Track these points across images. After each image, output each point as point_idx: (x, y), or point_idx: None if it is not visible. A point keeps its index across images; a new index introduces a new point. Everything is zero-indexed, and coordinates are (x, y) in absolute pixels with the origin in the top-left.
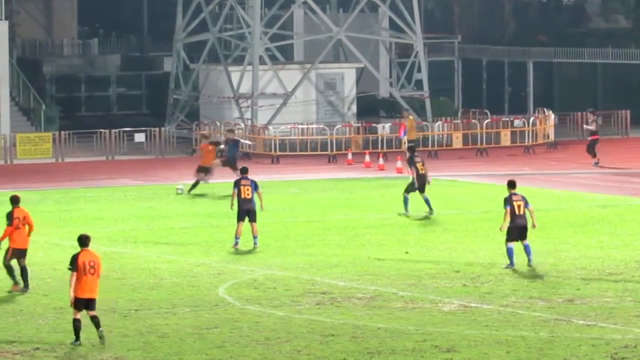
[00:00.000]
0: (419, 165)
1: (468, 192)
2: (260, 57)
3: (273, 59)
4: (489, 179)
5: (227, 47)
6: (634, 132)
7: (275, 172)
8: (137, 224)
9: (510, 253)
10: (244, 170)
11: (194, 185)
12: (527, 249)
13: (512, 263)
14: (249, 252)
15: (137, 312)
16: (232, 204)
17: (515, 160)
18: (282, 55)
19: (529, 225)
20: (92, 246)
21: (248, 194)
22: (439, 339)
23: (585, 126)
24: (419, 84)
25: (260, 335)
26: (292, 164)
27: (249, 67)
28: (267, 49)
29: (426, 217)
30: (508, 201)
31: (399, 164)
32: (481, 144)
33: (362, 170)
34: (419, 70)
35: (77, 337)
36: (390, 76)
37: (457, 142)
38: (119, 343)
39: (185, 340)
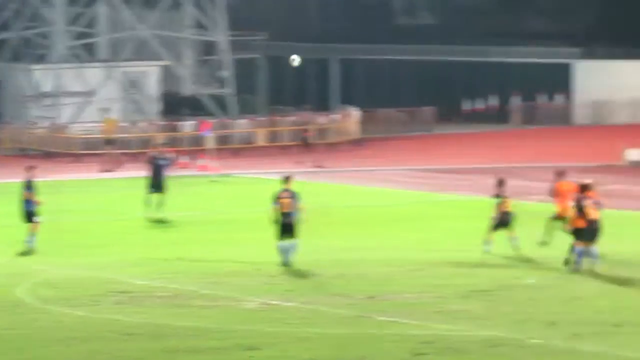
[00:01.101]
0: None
1: (271, 189)
2: (64, 55)
3: (77, 57)
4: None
5: (31, 45)
6: (438, 128)
7: (79, 171)
8: None
9: (281, 250)
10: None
11: None
12: (292, 247)
13: (285, 260)
14: (48, 251)
15: None
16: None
17: (319, 157)
18: (86, 53)
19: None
20: None
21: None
22: (240, 337)
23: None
24: (223, 82)
25: (60, 335)
26: (95, 162)
27: (53, 66)
28: (71, 47)
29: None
30: (275, 198)
31: (203, 161)
32: (285, 141)
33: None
34: (224, 68)
35: None
36: (195, 74)
37: (262, 140)
38: None
39: None
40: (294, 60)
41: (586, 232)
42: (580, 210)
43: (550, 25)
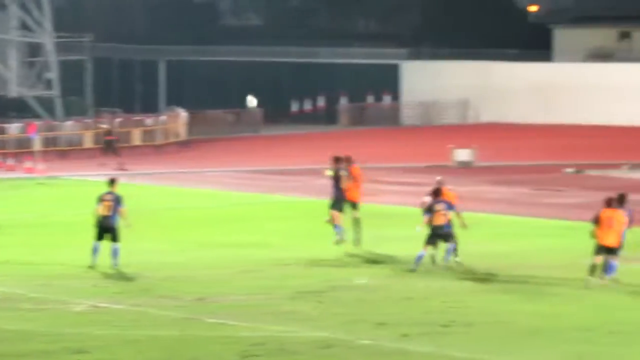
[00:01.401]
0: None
1: (98, 191)
2: None
3: None
4: (120, 179)
5: None
6: (266, 129)
7: None
8: None
9: (93, 250)
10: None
11: None
12: (114, 251)
13: (93, 261)
14: None
15: None
16: None
17: (147, 159)
18: None
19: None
20: None
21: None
22: (69, 340)
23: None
24: (49, 84)
25: None
26: None
27: None
28: None
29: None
30: (99, 200)
31: (29, 164)
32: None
33: None
34: (50, 70)
35: None
36: (20, 76)
37: (89, 142)
38: None
39: None
40: (250, 101)
41: (430, 236)
42: (431, 212)
43: (377, 27)
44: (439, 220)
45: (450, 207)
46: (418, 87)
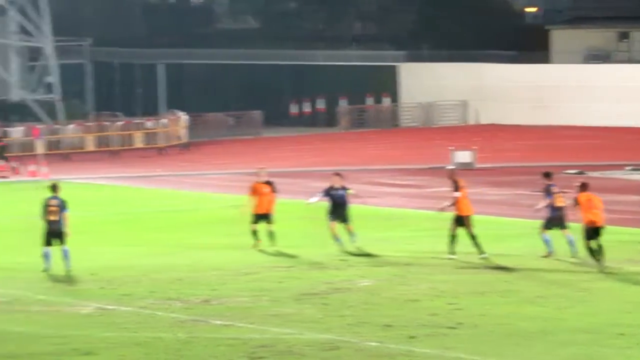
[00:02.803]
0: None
1: (101, 194)
2: None
3: None
4: (122, 181)
5: None
6: (265, 132)
7: None
8: None
9: (45, 256)
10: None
11: None
12: (65, 253)
13: (46, 267)
14: None
15: None
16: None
17: (148, 162)
18: None
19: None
20: None
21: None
22: (77, 341)
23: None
24: (50, 87)
25: None
26: None
27: None
28: None
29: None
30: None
31: (33, 167)
32: (114, 146)
33: None
34: (50, 74)
35: None
36: (22, 80)
37: (90, 145)
38: None
39: None
40: None
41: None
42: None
43: (375, 29)
44: (559, 202)
45: None
46: (417, 88)
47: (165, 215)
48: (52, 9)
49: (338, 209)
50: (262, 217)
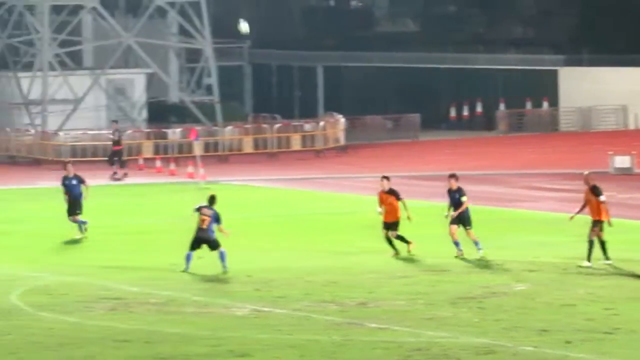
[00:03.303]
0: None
1: (259, 196)
2: (50, 63)
3: (63, 64)
4: (280, 183)
5: (17, 53)
6: (423, 135)
7: None
8: None
9: (187, 257)
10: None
11: None
12: (221, 255)
13: (186, 267)
14: (41, 258)
15: None
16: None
17: (305, 165)
18: (72, 61)
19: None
20: None
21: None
22: (232, 343)
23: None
24: (209, 89)
25: (54, 342)
26: (83, 170)
27: (39, 73)
28: (57, 55)
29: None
30: (197, 210)
31: (190, 169)
32: (271, 148)
33: (153, 176)
34: (209, 75)
35: None
36: (181, 81)
37: (248, 147)
38: None
39: None
40: (243, 26)
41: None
42: None
43: (534, 33)
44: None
45: None
46: (576, 92)
47: (322, 218)
48: (211, 11)
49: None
50: (389, 225)
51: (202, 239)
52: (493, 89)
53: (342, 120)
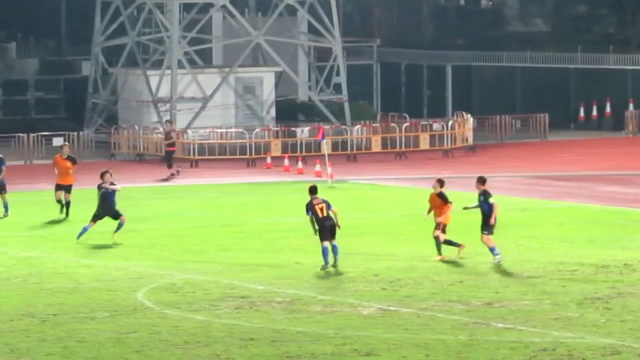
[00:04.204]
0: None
1: (387, 195)
2: (179, 61)
3: (192, 62)
4: (408, 183)
5: (146, 51)
6: (552, 135)
7: (194, 176)
8: (55, 228)
9: (324, 252)
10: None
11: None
12: (334, 249)
13: (326, 262)
14: (168, 256)
15: (55, 317)
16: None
17: (434, 164)
18: (201, 59)
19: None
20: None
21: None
22: (358, 342)
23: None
24: (337, 88)
25: (179, 340)
26: (211, 168)
27: (168, 71)
28: (186, 53)
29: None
30: (309, 207)
31: (318, 167)
32: (400, 147)
33: (281, 174)
34: (338, 74)
35: None
36: (309, 80)
37: (376, 146)
38: (37, 347)
39: (104, 344)
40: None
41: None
42: None
43: None
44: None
45: None
46: None
47: (450, 217)
48: (341, 9)
49: (483, 218)
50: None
51: (331, 227)
52: (622, 89)
53: (471, 119)
